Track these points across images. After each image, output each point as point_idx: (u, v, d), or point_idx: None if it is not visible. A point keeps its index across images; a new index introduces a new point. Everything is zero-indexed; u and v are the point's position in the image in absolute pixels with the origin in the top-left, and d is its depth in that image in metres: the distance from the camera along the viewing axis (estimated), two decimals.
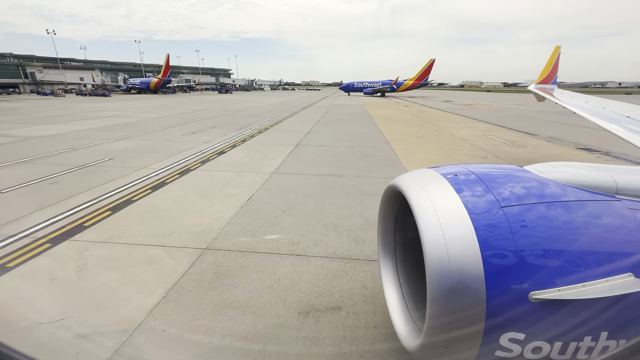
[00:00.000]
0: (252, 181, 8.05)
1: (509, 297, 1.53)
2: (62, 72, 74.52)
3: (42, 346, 3.01)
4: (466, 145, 13.26)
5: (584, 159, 11.29)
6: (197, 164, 9.80)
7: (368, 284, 3.96)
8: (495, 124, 20.71)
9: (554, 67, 12.94)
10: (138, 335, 3.13)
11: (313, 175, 8.63)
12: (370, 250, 4.77)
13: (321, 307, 3.55)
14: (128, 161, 10.06)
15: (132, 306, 3.54)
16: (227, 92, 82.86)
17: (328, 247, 4.85)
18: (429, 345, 1.74)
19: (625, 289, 1.51)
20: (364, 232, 5.34)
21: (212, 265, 4.34)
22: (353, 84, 70.97)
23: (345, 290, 3.85)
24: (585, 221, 1.69)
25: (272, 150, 11.94)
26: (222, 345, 3.04)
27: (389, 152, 11.63)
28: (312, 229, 5.44)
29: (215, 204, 6.56)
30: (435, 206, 1.71)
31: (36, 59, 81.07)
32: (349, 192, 7.29)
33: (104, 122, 20.17)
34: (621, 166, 2.16)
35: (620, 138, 4.95)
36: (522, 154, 11.84)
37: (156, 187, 7.61)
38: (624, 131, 5.06)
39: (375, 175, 8.65)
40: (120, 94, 69.89)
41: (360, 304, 3.61)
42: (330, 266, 4.36)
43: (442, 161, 10.35)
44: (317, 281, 4.02)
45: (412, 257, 2.51)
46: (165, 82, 69.80)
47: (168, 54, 67.63)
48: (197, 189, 7.46)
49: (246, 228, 5.47)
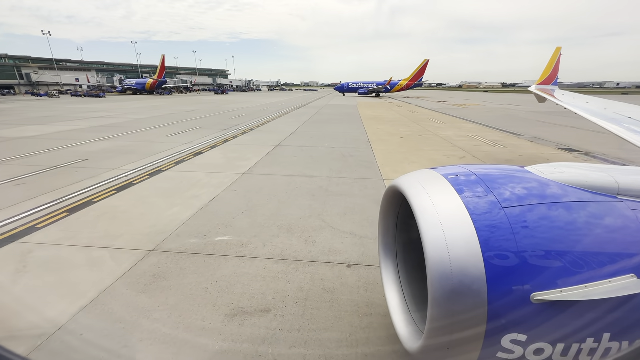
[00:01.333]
0: (220, 182, 8.01)
1: (510, 299, 1.52)
2: (57, 74, 74.42)
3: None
4: (447, 145, 13.23)
5: (561, 158, 11.27)
6: (171, 164, 9.75)
7: (305, 286, 3.92)
8: (483, 124, 20.70)
9: (554, 68, 12.91)
10: (55, 339, 3.08)
11: (284, 176, 8.59)
12: (318, 252, 4.73)
13: (250, 309, 3.51)
14: (102, 162, 10.01)
15: (57, 310, 3.48)
16: (223, 93, 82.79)
17: (276, 249, 4.80)
18: (430, 347, 1.73)
19: (628, 290, 1.49)
20: (317, 234, 5.29)
21: (153, 268, 4.29)
22: (348, 85, 70.66)
23: (280, 292, 3.80)
24: (587, 222, 1.68)
25: (251, 150, 11.90)
26: (137, 349, 2.99)
27: (368, 153, 11.59)
28: (265, 230, 5.40)
29: (176, 205, 6.51)
30: (437, 207, 1.71)
31: (32, 60, 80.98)
32: (314, 193, 7.25)
33: (90, 123, 20.11)
34: (623, 167, 2.13)
35: (621, 139, 4.92)
36: (500, 153, 11.81)
37: (122, 188, 7.56)
38: (625, 132, 5.04)
39: (347, 176, 8.61)
40: (116, 95, 69.77)
41: (291, 306, 3.57)
42: (272, 268, 4.31)
43: (418, 162, 10.31)
44: (255, 283, 3.97)
45: (414, 258, 2.50)
46: (160, 83, 69.70)
47: (163, 55, 67.57)
48: (163, 190, 7.41)
49: (199, 229, 5.42)
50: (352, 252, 4.72)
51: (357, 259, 4.55)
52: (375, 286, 3.93)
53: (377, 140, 14.30)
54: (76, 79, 73.79)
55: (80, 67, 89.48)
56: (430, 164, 9.98)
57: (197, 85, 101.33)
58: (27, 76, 70.52)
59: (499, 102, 49.97)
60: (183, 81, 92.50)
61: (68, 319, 3.34)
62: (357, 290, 3.86)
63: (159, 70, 68.84)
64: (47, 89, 67.84)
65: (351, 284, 3.98)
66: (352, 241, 5.07)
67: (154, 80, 69.10)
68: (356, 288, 3.89)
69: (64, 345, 3.03)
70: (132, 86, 71.03)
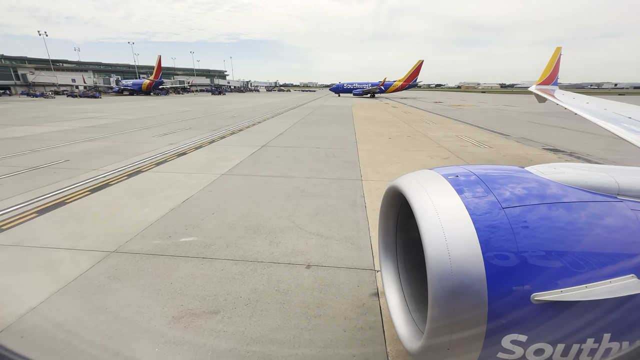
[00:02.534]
0: (197, 183, 7.98)
1: (510, 299, 1.52)
2: (54, 74, 74.22)
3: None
4: (434, 146, 13.23)
5: (545, 159, 11.27)
6: (152, 165, 9.71)
7: (259, 288, 3.89)
8: (473, 125, 20.71)
9: (554, 69, 12.87)
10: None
11: (262, 177, 8.56)
12: (280, 253, 4.71)
13: (199, 311, 3.48)
14: (83, 163, 9.97)
15: (5, 311, 3.45)
16: (220, 93, 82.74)
17: (238, 250, 4.78)
18: (430, 347, 1.73)
19: (628, 290, 1.49)
20: (283, 235, 5.27)
21: (110, 269, 4.26)
22: (342, 85, 70.84)
23: (233, 294, 3.78)
24: (587, 222, 1.68)
25: (235, 151, 11.87)
26: (78, 351, 2.97)
27: (352, 153, 11.58)
28: (232, 231, 5.37)
29: (147, 206, 6.48)
30: (437, 207, 1.70)
31: (28, 61, 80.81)
32: (290, 194, 7.23)
33: (80, 123, 20.06)
34: (623, 167, 2.14)
35: (621, 139, 4.92)
36: (485, 154, 11.81)
37: (97, 189, 7.53)
38: (625, 132, 5.04)
39: (326, 177, 8.59)
40: (113, 95, 69.70)
41: (241, 308, 3.54)
42: (230, 269, 4.29)
43: (401, 162, 10.30)
44: (209, 285, 3.95)
45: (414, 258, 2.49)
46: (157, 84, 69.61)
47: (159, 56, 67.48)
48: (138, 191, 7.38)
49: (166, 230, 5.39)
50: (315, 253, 4.70)
51: (317, 260, 4.53)
52: (331, 287, 3.92)
53: (365, 141, 14.30)
54: (72, 80, 73.70)
55: (77, 68, 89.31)
56: (412, 165, 9.98)
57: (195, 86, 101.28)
58: (23, 77, 70.32)
59: (495, 102, 50.04)
60: (180, 82, 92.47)
61: (13, 321, 3.31)
62: (311, 291, 3.84)
63: (155, 70, 68.75)
64: (44, 89, 67.72)
65: (306, 285, 3.96)
66: (316, 242, 5.05)
67: (150, 81, 69.02)
68: (310, 289, 3.87)
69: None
70: (129, 87, 70.95)
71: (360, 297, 3.75)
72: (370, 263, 4.46)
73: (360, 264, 4.42)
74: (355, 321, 3.36)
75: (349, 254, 4.69)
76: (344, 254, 4.69)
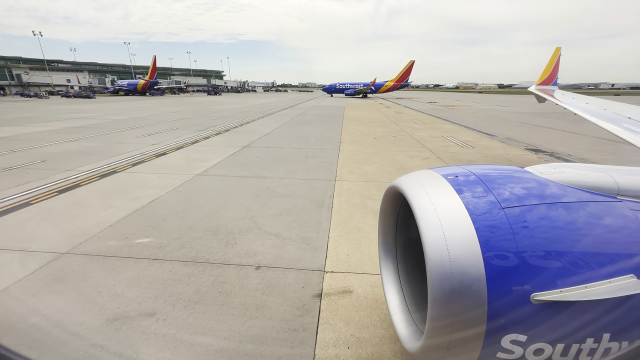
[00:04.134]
0: (169, 183, 7.93)
1: (510, 299, 1.52)
2: (48, 74, 73.88)
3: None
4: (417, 146, 13.21)
5: (525, 159, 11.27)
6: (128, 166, 9.65)
7: (202, 289, 3.86)
8: (462, 125, 20.73)
9: (554, 69, 12.85)
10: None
11: (236, 177, 8.53)
12: (233, 254, 4.67)
13: (134, 313, 3.44)
14: (59, 164, 9.90)
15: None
16: (216, 94, 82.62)
17: (192, 251, 4.74)
18: (430, 347, 1.73)
19: (628, 290, 1.50)
20: (241, 235, 5.24)
21: (56, 271, 4.21)
22: (335, 86, 71.18)
23: (174, 295, 3.74)
24: (587, 222, 1.68)
25: (216, 151, 11.83)
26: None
27: (333, 154, 11.55)
28: (190, 232, 5.33)
29: (112, 207, 6.43)
30: (436, 207, 1.70)
31: (23, 61, 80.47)
32: (259, 195, 7.19)
33: (67, 123, 19.97)
34: (623, 167, 2.14)
35: (621, 139, 4.91)
36: (466, 154, 11.80)
37: (66, 190, 7.47)
38: (624, 132, 5.04)
39: (300, 177, 8.56)
40: (108, 95, 69.48)
41: (179, 309, 3.50)
42: (178, 270, 4.25)
43: (379, 162, 10.27)
44: (153, 286, 3.91)
45: (414, 258, 2.49)
46: (152, 84, 69.44)
47: (155, 56, 67.35)
48: (107, 192, 7.33)
49: (124, 231, 5.34)
50: (268, 254, 4.67)
51: (269, 261, 4.49)
52: (275, 289, 3.89)
53: (349, 141, 14.27)
54: (67, 80, 73.34)
55: (73, 68, 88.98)
56: (390, 165, 9.95)
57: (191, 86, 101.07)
58: (17, 77, 69.93)
59: (489, 103, 50.15)
60: (176, 82, 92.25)
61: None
62: (254, 293, 3.80)
63: (151, 71, 68.59)
64: (38, 89, 67.36)
65: (251, 286, 3.93)
66: (273, 243, 5.01)
67: (145, 81, 68.84)
68: (254, 291, 3.83)
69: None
70: (124, 87, 70.75)
71: (303, 298, 3.71)
72: (322, 264, 4.43)
73: (311, 266, 4.39)
74: (290, 323, 3.32)
75: (303, 255, 4.65)
76: (298, 255, 4.65)
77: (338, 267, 4.35)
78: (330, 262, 4.48)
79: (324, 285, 3.97)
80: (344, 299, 3.71)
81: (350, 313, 3.48)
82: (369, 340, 3.11)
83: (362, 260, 4.54)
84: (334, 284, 3.98)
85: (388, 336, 3.16)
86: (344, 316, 3.43)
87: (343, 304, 3.62)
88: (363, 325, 3.30)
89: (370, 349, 3.01)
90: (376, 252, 4.75)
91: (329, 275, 4.18)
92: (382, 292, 3.83)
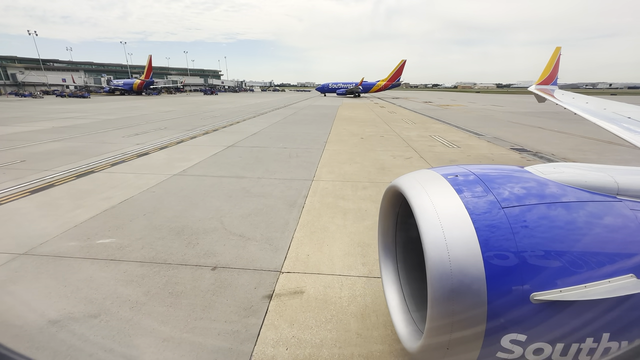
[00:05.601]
0: (145, 183, 7.89)
1: (510, 298, 1.52)
2: (44, 74, 73.71)
3: None
4: (402, 146, 13.20)
5: (508, 159, 11.27)
6: (107, 166, 9.60)
7: (153, 290, 3.82)
8: (452, 125, 20.74)
9: (554, 68, 12.83)
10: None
11: (213, 177, 8.49)
12: (193, 254, 4.64)
13: (79, 315, 3.41)
14: (38, 164, 9.84)
15: None
16: (212, 93, 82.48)
17: (151, 252, 4.70)
18: (430, 347, 1.73)
19: (627, 290, 1.50)
20: (205, 236, 5.21)
21: (10, 272, 4.17)
22: (328, 85, 71.80)
23: (123, 297, 3.70)
24: (587, 222, 1.68)
25: (200, 151, 11.78)
26: None
27: (317, 154, 11.52)
28: (154, 232, 5.30)
29: (82, 207, 6.38)
30: (436, 207, 1.70)
31: (18, 60, 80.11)
32: (232, 195, 7.16)
33: (56, 123, 19.88)
34: (622, 167, 2.13)
35: (621, 138, 4.91)
36: (449, 153, 11.78)
37: (39, 190, 7.42)
38: (624, 132, 5.04)
39: (278, 177, 8.53)
40: (104, 95, 69.21)
41: (124, 311, 3.47)
42: (133, 271, 4.21)
43: (361, 162, 10.25)
44: (103, 287, 3.87)
45: (413, 258, 2.48)
46: (148, 84, 69.26)
47: (150, 55, 67.12)
48: (79, 192, 7.28)
49: (88, 232, 5.31)
50: (227, 255, 4.64)
51: (227, 261, 4.47)
52: (227, 289, 3.86)
53: (335, 141, 14.25)
54: (63, 79, 73.09)
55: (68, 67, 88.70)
56: (371, 165, 9.93)
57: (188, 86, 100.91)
58: (12, 76, 69.70)
59: (484, 102, 50.23)
60: (173, 81, 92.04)
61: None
62: (204, 294, 3.77)
63: (146, 70, 68.36)
64: (34, 89, 67.10)
65: (203, 287, 3.90)
66: (235, 243, 4.99)
67: (141, 81, 68.65)
68: (204, 292, 3.80)
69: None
70: (120, 86, 70.50)
71: (252, 299, 3.69)
72: (279, 264, 4.40)
73: (268, 266, 4.37)
74: (234, 324, 3.30)
75: (262, 256, 4.63)
76: (257, 256, 4.63)
77: (295, 268, 4.33)
78: (289, 263, 4.45)
79: (277, 286, 3.94)
80: (293, 300, 3.69)
81: (297, 314, 3.46)
82: (309, 341, 3.09)
83: (321, 260, 4.52)
84: (287, 285, 3.96)
85: (330, 337, 3.15)
86: (290, 317, 3.41)
87: (292, 305, 3.60)
88: (307, 326, 3.28)
89: (308, 350, 2.99)
90: (336, 252, 4.75)
91: (284, 275, 4.16)
92: (333, 293, 3.83)
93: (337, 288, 3.90)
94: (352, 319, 3.40)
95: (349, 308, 3.55)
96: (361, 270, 4.29)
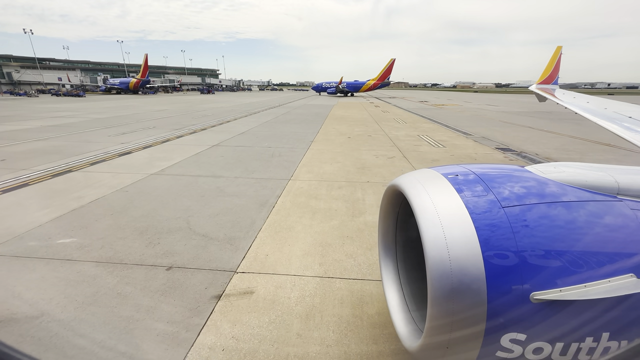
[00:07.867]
0: (120, 182, 7.85)
1: (510, 298, 1.52)
2: (40, 72, 73.45)
3: None
4: (387, 145, 13.18)
5: (491, 157, 11.26)
6: (86, 165, 9.56)
7: (102, 290, 3.79)
8: (443, 124, 20.73)
9: (555, 68, 12.81)
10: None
11: (190, 177, 8.46)
12: (151, 254, 4.61)
13: (21, 316, 3.38)
14: (16, 163, 9.79)
15: None
16: (209, 92, 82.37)
17: (110, 251, 4.67)
18: (429, 346, 1.73)
19: (627, 289, 1.50)
20: (168, 235, 5.18)
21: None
22: (322, 85, 72.81)
23: (70, 297, 3.67)
24: (587, 221, 1.68)
25: (183, 150, 11.74)
26: None
27: (299, 153, 11.49)
28: (117, 232, 5.27)
29: (50, 206, 6.35)
30: (436, 206, 1.70)
31: (14, 59, 79.80)
32: (205, 194, 7.13)
33: (45, 122, 19.81)
34: (623, 166, 2.12)
35: (621, 138, 4.91)
36: (433, 153, 11.76)
37: (11, 189, 7.37)
38: (625, 131, 5.03)
39: (255, 177, 8.50)
40: (100, 94, 69.03)
41: (69, 312, 3.44)
42: (86, 272, 4.18)
43: (342, 162, 10.23)
44: (53, 288, 3.84)
45: (413, 257, 2.48)
46: (144, 82, 69.12)
47: (146, 54, 66.97)
48: (51, 192, 7.24)
49: (50, 231, 5.28)
50: (186, 254, 4.61)
51: (184, 261, 4.44)
52: (177, 290, 3.83)
53: (322, 140, 14.23)
54: (59, 78, 72.86)
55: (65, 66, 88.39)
56: (352, 165, 9.91)
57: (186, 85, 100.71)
58: (8, 75, 69.46)
59: (479, 102, 50.26)
60: (170, 80, 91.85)
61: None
62: (152, 294, 3.75)
63: (142, 69, 68.19)
64: (30, 88, 66.86)
65: (154, 287, 3.87)
66: (197, 243, 4.96)
67: (137, 80, 68.50)
68: (153, 292, 3.78)
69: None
70: (116, 85, 70.37)
71: (200, 300, 3.67)
72: (236, 265, 4.38)
73: (224, 266, 4.34)
74: (176, 325, 3.28)
75: (221, 256, 4.61)
76: (216, 256, 4.60)
77: (251, 268, 4.31)
78: (246, 263, 4.43)
79: (228, 286, 3.92)
80: (241, 300, 3.66)
81: (242, 315, 3.44)
82: (248, 341, 3.07)
83: (279, 260, 4.50)
84: (238, 285, 3.94)
85: (269, 337, 3.13)
86: (234, 318, 3.39)
87: (238, 305, 3.58)
88: (248, 327, 3.26)
89: (245, 351, 2.97)
90: (296, 252, 4.72)
91: (238, 276, 4.14)
92: (283, 293, 3.81)
93: (288, 288, 3.88)
94: (296, 319, 3.38)
95: (295, 308, 3.53)
96: (317, 270, 4.27)
